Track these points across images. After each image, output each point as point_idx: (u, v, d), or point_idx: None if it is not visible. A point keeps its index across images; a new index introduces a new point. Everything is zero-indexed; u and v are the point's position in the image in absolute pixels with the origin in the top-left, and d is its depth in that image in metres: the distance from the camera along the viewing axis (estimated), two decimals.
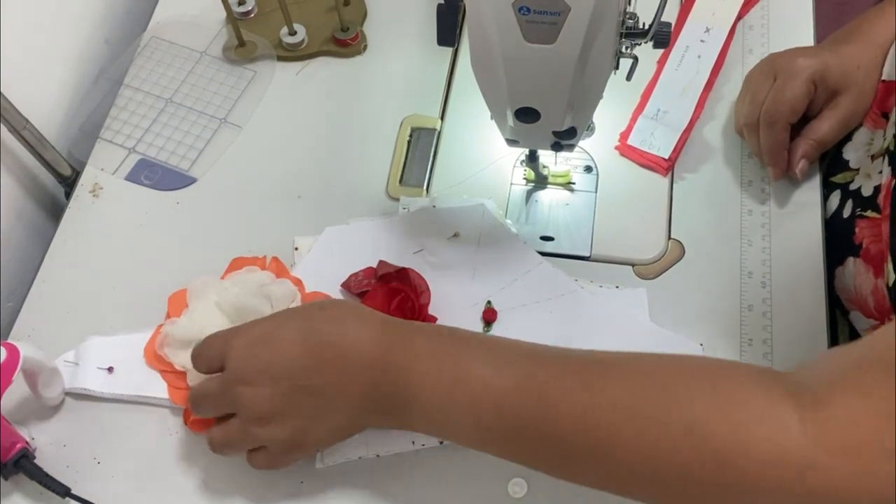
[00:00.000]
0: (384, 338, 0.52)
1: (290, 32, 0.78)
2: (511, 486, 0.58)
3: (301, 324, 0.53)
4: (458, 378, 0.50)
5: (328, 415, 0.53)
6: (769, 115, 0.65)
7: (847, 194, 0.64)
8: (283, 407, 0.52)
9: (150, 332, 0.64)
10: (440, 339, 0.53)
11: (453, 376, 0.50)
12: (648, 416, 0.45)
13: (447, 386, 0.50)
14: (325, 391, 0.52)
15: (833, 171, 0.67)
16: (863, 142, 0.64)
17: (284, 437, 0.53)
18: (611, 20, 0.49)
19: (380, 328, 0.53)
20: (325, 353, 0.52)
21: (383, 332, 0.53)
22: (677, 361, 0.48)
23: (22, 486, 0.59)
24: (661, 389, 0.46)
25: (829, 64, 0.64)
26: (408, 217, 0.69)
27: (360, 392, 0.52)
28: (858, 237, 0.61)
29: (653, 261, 0.67)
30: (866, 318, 0.61)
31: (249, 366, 0.52)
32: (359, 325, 0.53)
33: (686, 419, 0.44)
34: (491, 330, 0.64)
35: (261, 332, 0.53)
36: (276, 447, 0.53)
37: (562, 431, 0.47)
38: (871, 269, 0.60)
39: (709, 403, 0.44)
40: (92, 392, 0.62)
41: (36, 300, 0.68)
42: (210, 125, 0.76)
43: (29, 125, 0.70)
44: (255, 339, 0.53)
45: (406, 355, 0.51)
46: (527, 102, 0.55)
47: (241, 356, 0.52)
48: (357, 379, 0.52)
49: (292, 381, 0.52)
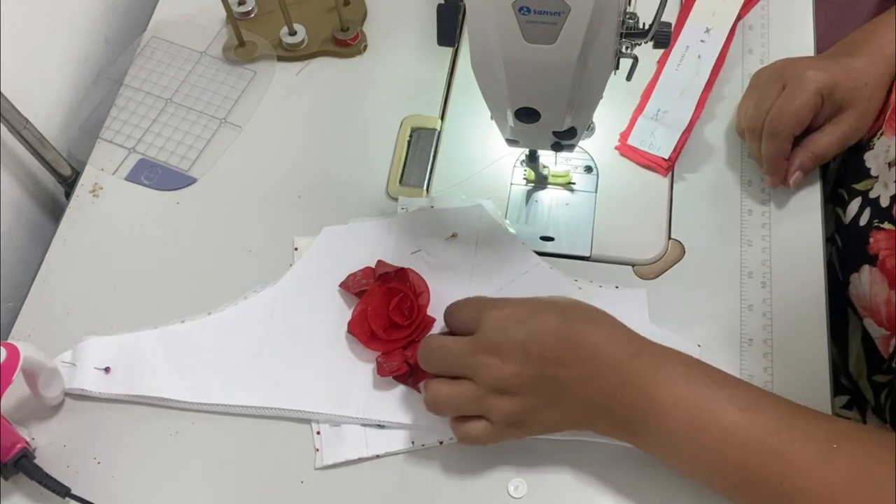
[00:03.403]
0: (636, 349, 0.54)
1: (290, 32, 0.78)
2: (511, 486, 0.58)
3: (559, 316, 0.54)
4: (711, 413, 0.51)
5: (561, 405, 0.54)
6: (773, 125, 0.65)
7: (866, 202, 0.64)
8: (524, 385, 0.54)
9: (149, 332, 0.64)
10: (691, 366, 0.53)
11: (705, 411, 0.51)
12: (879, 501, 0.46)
13: (697, 419, 0.51)
14: (567, 383, 0.53)
15: (855, 178, 0.66)
16: (882, 149, 0.64)
17: (514, 411, 0.54)
18: (611, 20, 0.49)
19: (634, 340, 0.54)
20: (579, 350, 0.53)
21: (637, 345, 0.54)
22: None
23: (22, 486, 0.59)
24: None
25: (838, 79, 0.64)
26: (406, 217, 0.69)
27: (598, 394, 0.53)
28: (873, 247, 0.61)
29: (653, 261, 0.67)
30: (878, 326, 0.61)
31: (505, 338, 0.54)
32: (615, 331, 0.55)
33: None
34: None
35: (519, 311, 0.55)
36: (500, 419, 0.54)
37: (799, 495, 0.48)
38: (886, 280, 0.60)
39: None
40: (90, 393, 0.62)
41: (36, 300, 0.68)
42: (210, 125, 0.76)
43: (29, 125, 0.70)
44: (513, 316, 0.55)
45: (657, 375, 0.52)
46: (527, 102, 0.55)
47: (498, 327, 0.54)
48: (600, 381, 0.53)
49: (541, 367, 0.53)
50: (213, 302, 0.66)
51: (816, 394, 0.60)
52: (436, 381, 0.56)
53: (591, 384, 0.53)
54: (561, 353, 0.53)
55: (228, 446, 0.61)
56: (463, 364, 0.55)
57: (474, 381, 0.54)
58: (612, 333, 0.54)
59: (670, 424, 0.51)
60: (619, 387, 0.52)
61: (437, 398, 0.55)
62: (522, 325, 0.54)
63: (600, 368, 0.53)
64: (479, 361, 0.54)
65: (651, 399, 0.52)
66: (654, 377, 0.52)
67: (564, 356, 0.53)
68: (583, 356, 0.53)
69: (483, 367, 0.54)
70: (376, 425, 0.60)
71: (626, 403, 0.52)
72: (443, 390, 0.55)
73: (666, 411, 0.51)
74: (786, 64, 0.67)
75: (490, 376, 0.54)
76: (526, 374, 0.53)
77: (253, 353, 0.63)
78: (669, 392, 0.52)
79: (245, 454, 0.60)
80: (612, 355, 0.53)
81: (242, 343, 0.64)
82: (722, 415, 0.50)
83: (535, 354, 0.53)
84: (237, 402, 0.61)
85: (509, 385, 0.54)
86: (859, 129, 0.66)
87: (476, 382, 0.54)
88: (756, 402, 0.51)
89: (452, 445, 0.59)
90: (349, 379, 0.62)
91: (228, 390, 0.62)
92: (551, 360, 0.53)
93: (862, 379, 0.65)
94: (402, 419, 0.60)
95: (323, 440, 0.60)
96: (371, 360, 0.62)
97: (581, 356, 0.53)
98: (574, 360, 0.53)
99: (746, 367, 0.61)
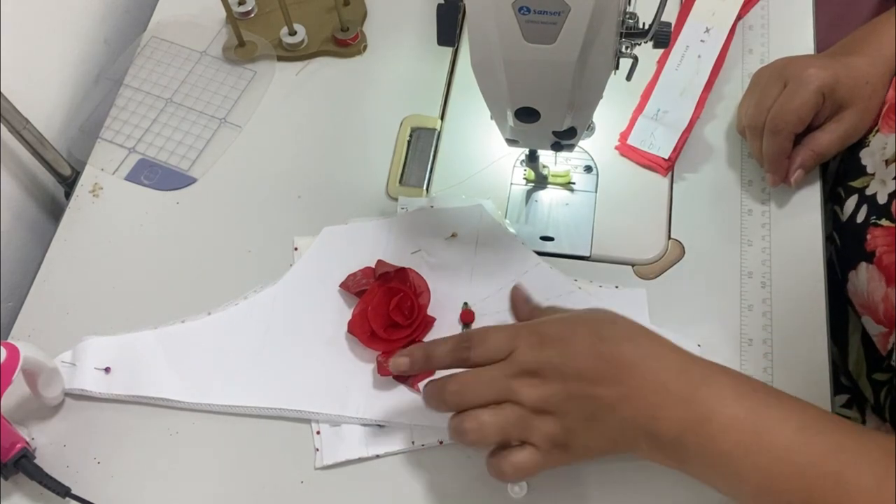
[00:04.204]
0: (682, 365, 0.51)
1: (290, 32, 0.78)
2: (511, 486, 0.58)
3: (592, 333, 0.53)
4: (765, 433, 0.48)
5: (601, 425, 0.52)
6: (775, 123, 0.65)
7: (863, 199, 0.64)
8: (565, 405, 0.52)
9: (149, 332, 0.64)
10: (740, 381, 0.51)
11: (758, 433, 0.48)
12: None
13: (751, 441, 0.48)
14: (606, 402, 0.51)
15: (851, 175, 0.66)
16: (879, 146, 0.64)
17: (558, 432, 0.52)
18: (611, 20, 0.49)
19: (679, 354, 0.52)
20: (618, 369, 0.51)
21: (683, 360, 0.52)
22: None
23: (22, 486, 0.59)
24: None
25: (840, 77, 0.64)
26: (406, 217, 0.69)
27: (640, 414, 0.51)
28: (871, 244, 0.61)
29: (653, 261, 0.67)
30: (876, 323, 0.61)
31: (540, 358, 0.52)
32: (657, 346, 0.52)
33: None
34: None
35: (551, 332, 0.53)
36: (544, 441, 0.52)
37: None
38: (883, 277, 0.60)
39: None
40: (90, 393, 0.62)
41: (36, 300, 0.68)
42: (210, 125, 0.76)
43: (29, 125, 0.70)
44: (546, 338, 0.53)
45: (708, 392, 0.50)
46: (527, 102, 0.55)
47: (533, 349, 0.53)
48: (641, 401, 0.50)
49: (580, 385, 0.51)
50: (213, 302, 0.66)
51: (816, 393, 0.60)
52: (473, 410, 0.53)
53: (632, 403, 0.50)
54: (598, 372, 0.51)
55: (228, 446, 0.61)
56: (502, 388, 0.52)
57: (517, 404, 0.52)
58: (652, 349, 0.52)
59: (721, 446, 0.49)
60: (662, 406, 0.50)
61: (481, 424, 0.52)
62: (556, 345, 0.52)
63: (642, 386, 0.50)
64: (517, 383, 0.52)
65: (702, 417, 0.49)
66: (704, 395, 0.50)
67: (602, 375, 0.51)
68: (622, 374, 0.51)
69: (522, 387, 0.52)
70: (376, 425, 0.60)
71: (673, 423, 0.50)
72: (484, 416, 0.52)
73: (718, 431, 0.49)
74: (786, 62, 0.67)
75: (531, 396, 0.52)
76: (565, 393, 0.51)
77: (253, 353, 0.63)
78: (722, 410, 0.49)
79: (245, 454, 0.60)
80: (655, 373, 0.51)
81: (242, 343, 0.64)
82: (776, 436, 0.48)
83: (572, 373, 0.51)
84: (237, 402, 0.61)
85: (550, 404, 0.52)
86: (860, 127, 0.66)
87: (519, 404, 0.52)
88: (809, 420, 0.49)
89: (452, 445, 0.59)
90: (349, 379, 0.62)
91: (228, 390, 0.62)
92: (589, 378, 0.51)
93: (862, 378, 0.65)
94: (402, 419, 0.60)
95: (323, 440, 0.60)
96: (371, 360, 0.62)
97: (620, 374, 0.51)
98: (613, 379, 0.51)
99: (746, 367, 0.61)
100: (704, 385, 0.50)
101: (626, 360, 0.51)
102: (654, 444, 0.51)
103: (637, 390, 0.50)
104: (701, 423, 0.49)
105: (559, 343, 0.52)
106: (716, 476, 0.50)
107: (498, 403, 0.53)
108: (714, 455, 0.49)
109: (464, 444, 0.54)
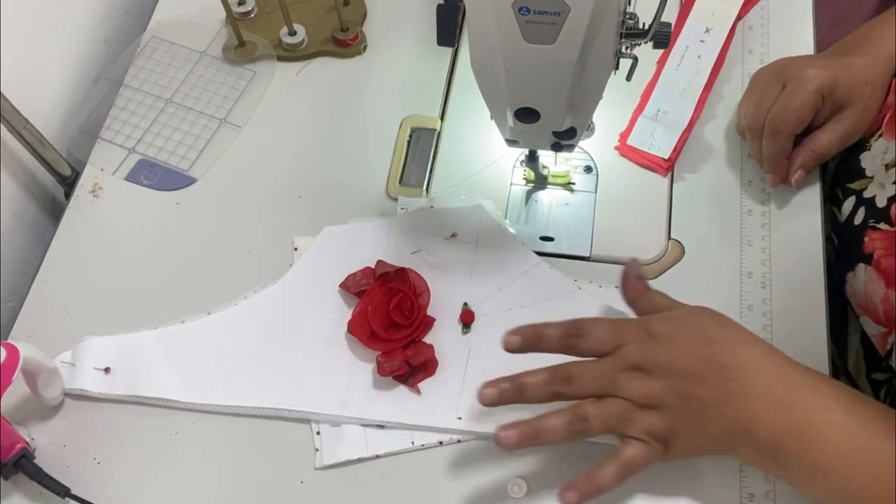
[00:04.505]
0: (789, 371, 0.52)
1: (290, 32, 0.78)
2: (511, 486, 0.58)
3: (700, 334, 0.53)
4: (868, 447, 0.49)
5: (703, 425, 0.52)
6: (774, 124, 0.65)
7: (861, 201, 0.64)
8: (669, 401, 0.52)
9: (149, 332, 0.64)
10: (845, 392, 0.52)
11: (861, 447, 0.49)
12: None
13: (854, 453, 0.49)
14: (709, 402, 0.52)
15: (849, 177, 0.66)
16: (880, 151, 0.64)
17: (661, 427, 0.52)
18: (611, 20, 0.49)
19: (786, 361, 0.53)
20: (723, 370, 0.52)
21: (790, 367, 0.52)
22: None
23: (22, 486, 0.59)
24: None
25: (839, 77, 0.64)
26: (406, 217, 0.69)
27: (743, 416, 0.51)
28: (868, 247, 0.61)
29: (653, 261, 0.67)
30: (875, 324, 0.61)
31: (647, 353, 0.53)
32: (763, 352, 0.53)
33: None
34: (469, 332, 0.63)
35: (659, 330, 0.54)
36: (647, 436, 0.53)
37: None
38: (882, 279, 0.60)
39: None
40: (90, 393, 0.62)
41: (36, 300, 0.68)
42: (210, 125, 0.76)
43: (29, 125, 0.70)
44: (652, 333, 0.54)
45: (814, 400, 0.51)
46: (527, 102, 0.55)
47: (639, 342, 0.53)
48: (744, 403, 0.51)
49: (683, 383, 0.52)
50: (213, 302, 0.66)
51: None
52: (579, 402, 0.53)
53: (735, 405, 0.51)
54: (703, 372, 0.52)
55: (228, 446, 0.61)
56: (608, 382, 0.53)
57: (624, 398, 0.53)
58: (758, 355, 0.53)
59: (822, 456, 0.49)
60: (767, 410, 0.50)
61: (585, 414, 0.53)
62: (664, 344, 0.53)
63: (745, 390, 0.51)
64: (624, 377, 0.53)
65: (807, 424, 0.50)
66: (808, 402, 0.50)
67: (707, 376, 0.52)
68: (726, 376, 0.52)
69: (628, 381, 0.53)
70: (376, 425, 0.60)
71: (776, 427, 0.50)
72: (589, 407, 0.53)
73: (821, 440, 0.49)
74: (786, 63, 0.67)
75: (636, 390, 0.52)
76: (671, 390, 0.52)
77: (253, 353, 0.63)
78: (826, 419, 0.50)
79: (245, 454, 0.60)
80: (761, 377, 0.51)
81: (242, 343, 0.64)
82: (878, 448, 0.48)
83: (678, 371, 0.52)
84: (237, 402, 0.61)
85: (655, 399, 0.52)
86: (860, 127, 0.66)
87: (626, 399, 0.53)
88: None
89: (452, 445, 0.59)
90: (349, 379, 0.62)
91: (228, 390, 0.62)
92: (694, 378, 0.52)
93: (861, 378, 0.65)
94: (402, 419, 0.60)
95: (323, 440, 0.60)
96: (371, 360, 0.62)
97: (724, 376, 0.52)
98: (717, 381, 0.52)
99: None
100: (808, 392, 0.51)
101: (732, 363, 0.52)
102: (753, 448, 0.52)
103: (740, 394, 0.51)
104: (803, 429, 0.50)
105: (666, 342, 0.53)
106: (810, 484, 0.51)
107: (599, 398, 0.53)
108: (812, 464, 0.50)
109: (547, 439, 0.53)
